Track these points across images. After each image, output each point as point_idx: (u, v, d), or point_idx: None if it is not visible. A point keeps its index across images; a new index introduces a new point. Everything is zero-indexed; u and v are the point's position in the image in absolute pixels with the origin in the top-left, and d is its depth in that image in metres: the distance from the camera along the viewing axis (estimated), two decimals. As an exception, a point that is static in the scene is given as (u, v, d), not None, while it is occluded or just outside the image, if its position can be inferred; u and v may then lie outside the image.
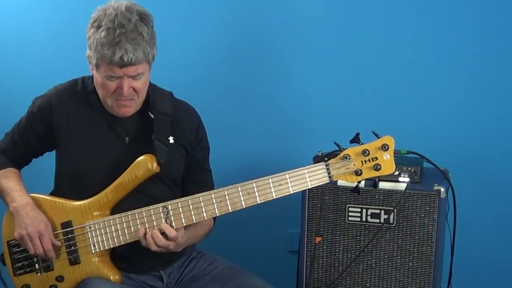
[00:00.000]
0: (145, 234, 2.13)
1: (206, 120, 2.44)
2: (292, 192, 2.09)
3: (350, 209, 2.54)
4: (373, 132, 2.07)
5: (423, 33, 2.95)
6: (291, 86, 3.03)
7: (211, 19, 2.98)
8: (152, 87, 2.29)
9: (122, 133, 2.25)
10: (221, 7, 2.97)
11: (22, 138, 2.31)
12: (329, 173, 2.07)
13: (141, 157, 2.17)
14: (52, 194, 2.32)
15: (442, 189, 2.46)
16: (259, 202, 2.10)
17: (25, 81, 2.95)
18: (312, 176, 2.08)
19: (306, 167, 2.08)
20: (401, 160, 2.55)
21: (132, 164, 2.17)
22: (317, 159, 2.52)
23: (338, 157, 2.08)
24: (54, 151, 2.32)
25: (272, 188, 2.09)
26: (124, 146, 2.24)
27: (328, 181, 2.09)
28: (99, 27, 2.09)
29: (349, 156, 2.07)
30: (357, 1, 2.96)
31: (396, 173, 2.50)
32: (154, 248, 2.13)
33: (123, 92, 2.13)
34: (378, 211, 2.52)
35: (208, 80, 3.03)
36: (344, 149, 2.08)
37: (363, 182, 2.49)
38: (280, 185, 2.08)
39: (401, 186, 2.48)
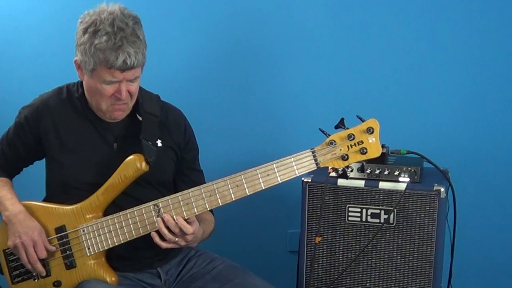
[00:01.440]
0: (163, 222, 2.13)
1: (197, 120, 2.45)
2: (280, 182, 2.09)
3: (350, 209, 2.54)
4: (357, 116, 2.08)
5: (423, 33, 2.95)
6: (285, 86, 3.03)
7: (203, 21, 2.98)
8: (139, 90, 2.29)
9: (110, 139, 2.25)
10: (213, 9, 2.97)
11: (10, 148, 2.32)
12: (315, 159, 2.08)
13: (130, 157, 2.18)
14: (45, 200, 2.32)
15: (442, 189, 2.46)
16: (248, 193, 2.10)
17: (26, 82, 2.95)
18: (299, 164, 2.08)
19: (293, 155, 2.08)
20: (401, 160, 2.55)
21: (121, 165, 2.18)
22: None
23: (324, 143, 2.08)
24: (43, 159, 2.32)
25: (260, 179, 2.09)
26: (112, 151, 2.24)
27: (316, 168, 2.09)
28: (95, 32, 2.08)
29: (334, 141, 2.07)
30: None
31: (396, 173, 2.50)
32: (168, 237, 2.11)
33: (122, 96, 2.13)
34: (378, 211, 2.52)
35: (199, 80, 3.03)
36: (329, 135, 2.08)
37: (363, 182, 2.52)
38: (268, 175, 2.08)
39: (401, 186, 2.48)
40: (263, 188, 2.10)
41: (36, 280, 2.24)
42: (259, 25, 2.99)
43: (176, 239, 2.13)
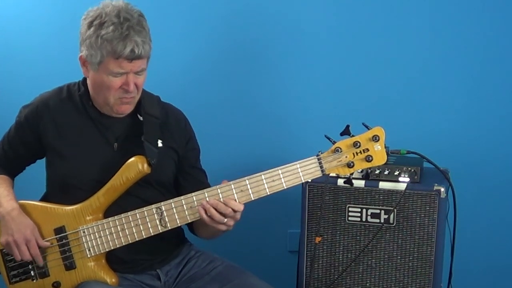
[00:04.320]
0: (205, 212, 2.09)
1: (202, 125, 2.45)
2: (285, 187, 2.09)
3: (350, 209, 2.54)
4: (363, 123, 2.08)
5: (423, 33, 2.95)
6: (291, 91, 3.03)
7: (207, 22, 2.98)
8: None
9: (110, 138, 2.25)
10: (219, 10, 2.97)
11: (11, 148, 2.32)
12: (321, 166, 2.08)
13: (132, 159, 2.17)
14: (44, 198, 2.32)
15: (442, 189, 2.46)
16: (252, 199, 2.10)
17: (26, 83, 2.95)
18: (305, 171, 2.08)
19: (298, 161, 2.08)
20: (401, 160, 2.55)
21: (123, 166, 2.17)
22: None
23: (329, 150, 2.09)
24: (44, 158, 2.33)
25: (266, 184, 2.09)
26: (112, 151, 2.24)
27: (321, 175, 2.09)
28: (101, 24, 2.09)
29: (340, 148, 2.07)
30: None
31: (396, 173, 2.50)
32: (218, 218, 2.08)
33: (129, 88, 2.13)
34: (378, 211, 2.52)
35: (204, 85, 3.03)
36: (335, 142, 2.09)
37: (363, 182, 2.52)
38: (273, 181, 2.08)
39: (401, 186, 2.48)
40: (268, 193, 2.09)
41: (34, 281, 2.23)
42: (264, 28, 2.98)
43: (225, 219, 2.10)
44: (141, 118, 2.25)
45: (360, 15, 2.96)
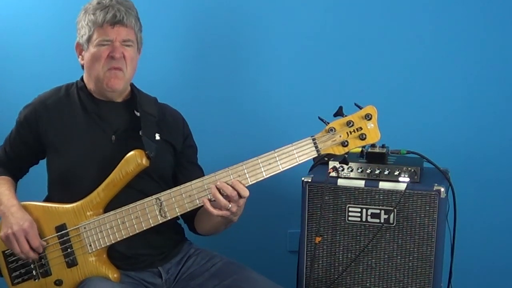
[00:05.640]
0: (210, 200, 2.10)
1: (194, 115, 2.49)
2: (282, 170, 2.11)
3: (350, 209, 2.54)
4: (355, 104, 2.11)
5: (422, 33, 2.95)
6: (286, 89, 3.04)
7: (195, 17, 2.99)
8: (137, 89, 2.35)
9: (108, 131, 2.27)
10: (205, 5, 2.98)
11: (13, 148, 2.35)
12: (316, 147, 2.10)
13: (130, 153, 2.19)
14: (46, 200, 2.34)
15: (442, 189, 2.46)
16: (250, 183, 2.12)
17: (26, 83, 2.95)
18: (300, 152, 2.10)
19: (294, 143, 2.11)
20: (401, 160, 2.55)
21: (122, 161, 2.19)
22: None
23: (324, 130, 2.12)
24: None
25: (262, 168, 2.11)
26: (111, 145, 2.26)
27: (317, 155, 2.11)
28: (90, 5, 2.23)
29: (334, 128, 2.10)
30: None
31: (396, 173, 2.50)
32: (223, 203, 2.07)
33: (116, 53, 2.19)
34: (378, 211, 2.52)
35: (193, 81, 3.04)
36: (328, 123, 2.11)
37: (363, 182, 2.52)
38: (270, 164, 2.11)
39: (401, 186, 2.48)
40: (265, 176, 2.11)
41: (36, 280, 2.24)
42: (255, 13, 2.98)
43: (230, 205, 2.10)
44: (138, 114, 2.27)
45: (360, 10, 2.96)
